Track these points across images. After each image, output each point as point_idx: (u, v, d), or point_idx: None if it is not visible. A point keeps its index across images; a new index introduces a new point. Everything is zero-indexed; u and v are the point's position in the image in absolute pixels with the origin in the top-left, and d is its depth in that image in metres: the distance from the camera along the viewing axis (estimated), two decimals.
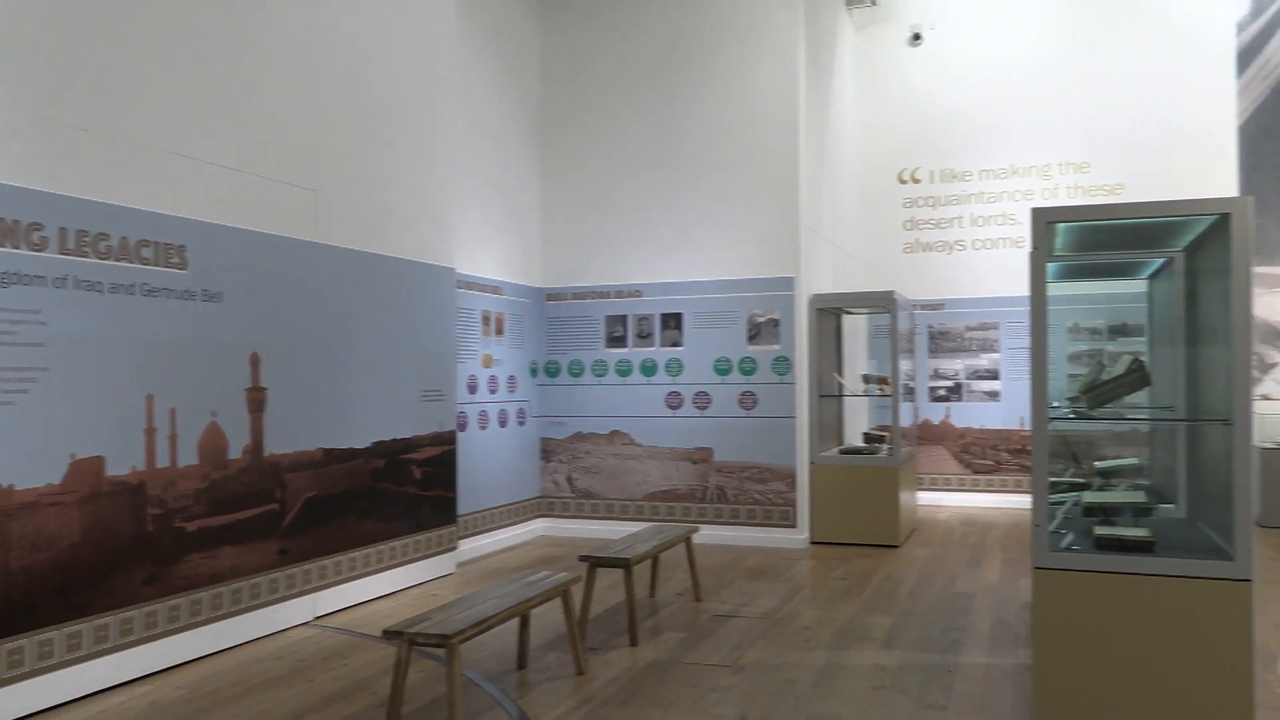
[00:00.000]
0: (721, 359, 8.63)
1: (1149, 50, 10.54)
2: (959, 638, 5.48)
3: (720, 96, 8.74)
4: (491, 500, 8.35)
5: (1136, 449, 5.70)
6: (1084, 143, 10.79)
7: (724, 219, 8.68)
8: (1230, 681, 3.57)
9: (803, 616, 5.98)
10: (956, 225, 11.27)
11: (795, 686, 4.64)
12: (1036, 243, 3.86)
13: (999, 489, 10.78)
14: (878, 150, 11.56)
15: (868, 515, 8.36)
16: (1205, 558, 3.69)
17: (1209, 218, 3.82)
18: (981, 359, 10.98)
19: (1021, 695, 4.45)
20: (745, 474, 8.49)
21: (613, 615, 6.05)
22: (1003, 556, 7.94)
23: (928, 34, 11.36)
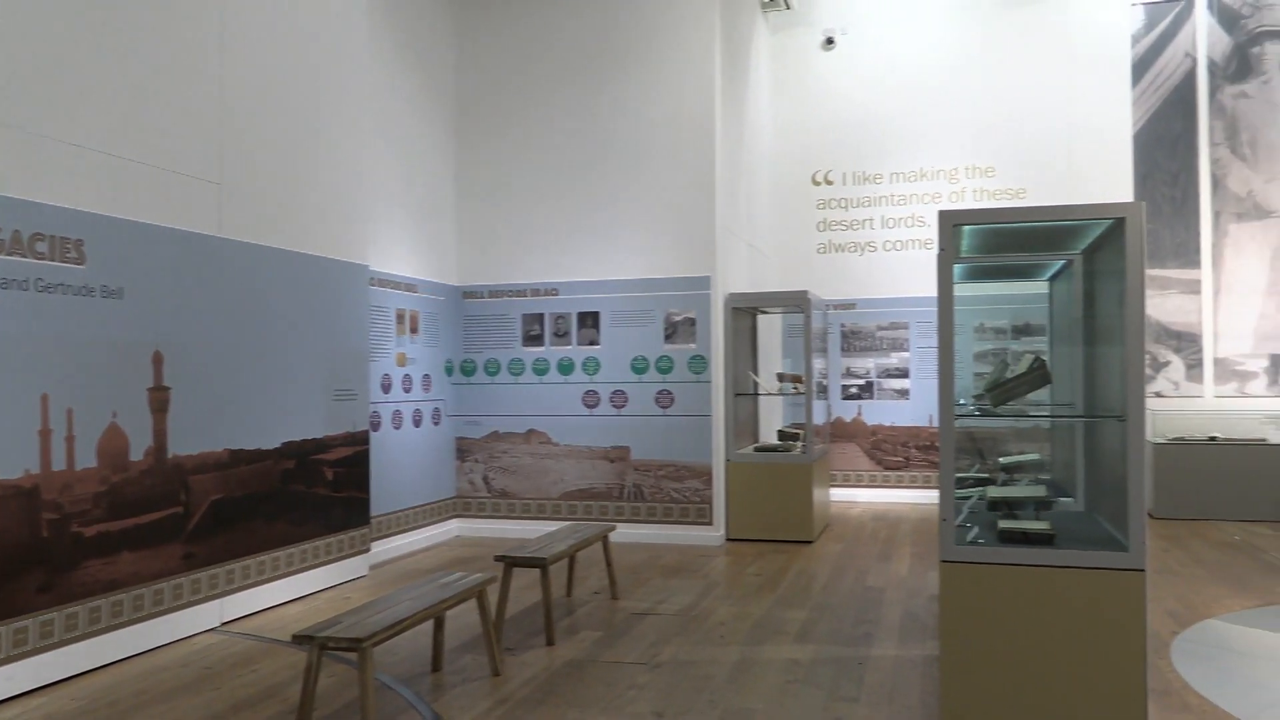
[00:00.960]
0: (639, 358, 8.66)
1: (1050, 61, 10.91)
2: (870, 631, 5.60)
3: (638, 96, 8.77)
4: (406, 501, 8.24)
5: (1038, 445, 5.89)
6: (989, 148, 11.12)
7: (641, 218, 8.72)
8: (1125, 667, 3.71)
9: (718, 613, 6.04)
10: (868, 227, 11.50)
11: (711, 682, 4.68)
12: (943, 244, 3.96)
13: (909, 485, 11.04)
14: (792, 152, 11.74)
15: (782, 512, 8.48)
16: (1101, 549, 3.84)
17: (1105, 222, 3.97)
18: (892, 358, 11.23)
19: (929, 685, 4.57)
20: (662, 472, 8.53)
21: (529, 615, 6.02)
22: (912, 550, 8.13)
23: (840, 38, 11.57)
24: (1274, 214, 10.37)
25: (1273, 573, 7.07)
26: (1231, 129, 10.52)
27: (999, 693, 3.84)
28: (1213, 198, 10.52)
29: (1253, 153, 10.45)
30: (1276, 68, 10.41)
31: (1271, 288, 10.33)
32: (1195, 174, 10.59)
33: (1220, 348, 10.44)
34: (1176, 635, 5.42)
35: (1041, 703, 3.79)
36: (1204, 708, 4.26)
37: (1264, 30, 10.44)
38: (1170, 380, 10.55)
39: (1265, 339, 10.33)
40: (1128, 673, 3.71)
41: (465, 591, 4.66)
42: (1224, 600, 6.23)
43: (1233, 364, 10.40)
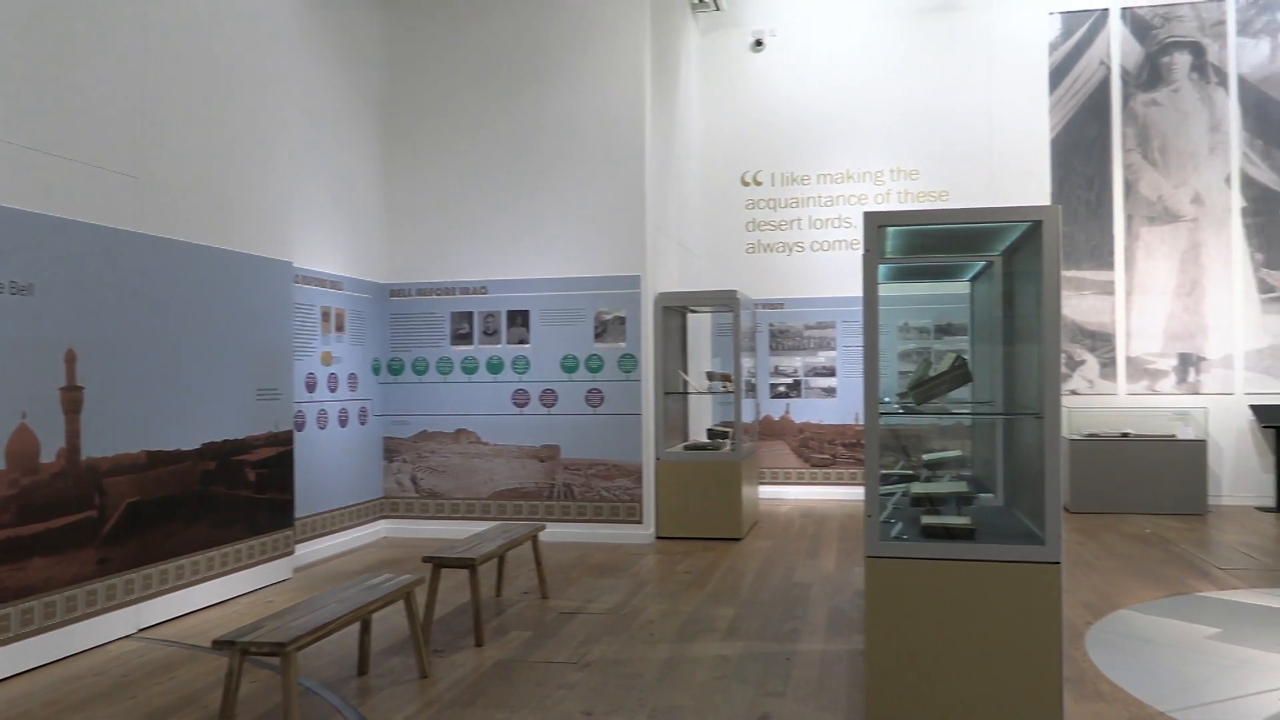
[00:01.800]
0: (568, 356, 8.64)
1: (972, 66, 11.17)
2: (797, 626, 5.67)
3: (568, 94, 8.75)
4: (331, 502, 8.10)
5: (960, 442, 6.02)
6: (914, 151, 11.34)
7: (571, 217, 8.70)
8: (1041, 657, 3.82)
9: (648, 611, 6.06)
10: (796, 227, 11.64)
11: (640, 680, 4.69)
12: (868, 245, 4.02)
13: (835, 482, 11.21)
14: (721, 152, 11.82)
15: (711, 510, 8.54)
16: (1019, 543, 3.94)
17: (1023, 224, 4.08)
18: (819, 357, 11.39)
19: (855, 679, 4.64)
20: (592, 471, 8.52)
21: (458, 616, 5.97)
22: (838, 546, 8.25)
23: (770, 40, 11.69)
24: (1182, 218, 10.76)
25: (1181, 564, 7.34)
26: (1143, 135, 10.88)
27: (922, 684, 3.92)
28: (1125, 202, 10.88)
29: (1163, 159, 10.83)
30: (1185, 77, 10.80)
31: (1179, 289, 10.72)
32: (1109, 179, 10.94)
33: (1132, 347, 10.80)
34: (1091, 625, 5.59)
35: (963, 693, 3.88)
36: (1116, 695, 4.40)
37: (1173, 40, 10.83)
38: (1085, 378, 10.88)
39: (1174, 339, 10.71)
40: (1044, 662, 3.82)
41: (392, 593, 4.60)
42: (1135, 591, 6.44)
43: (1144, 363, 10.77)
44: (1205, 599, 6.24)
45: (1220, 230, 10.67)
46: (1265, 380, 10.49)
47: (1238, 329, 10.58)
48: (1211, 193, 10.70)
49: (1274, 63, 10.62)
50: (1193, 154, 10.76)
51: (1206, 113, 10.75)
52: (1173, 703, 4.29)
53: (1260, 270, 10.58)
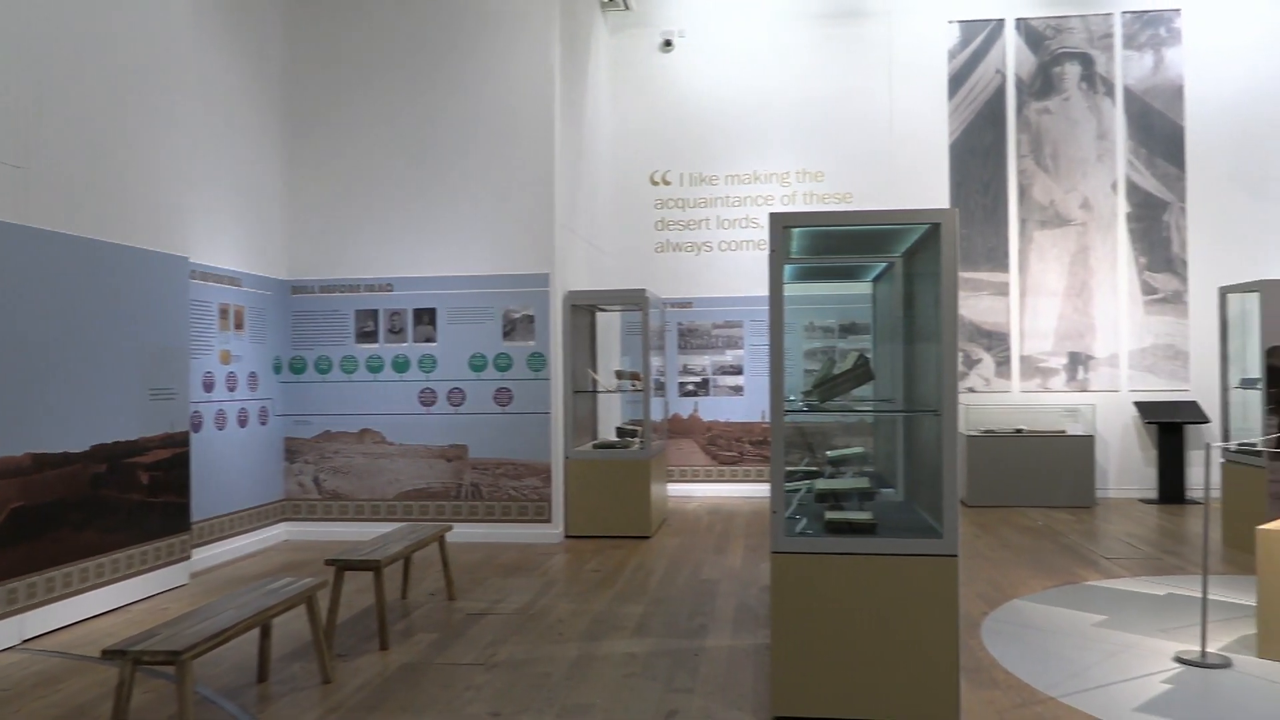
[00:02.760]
0: (477, 355, 8.56)
1: (875, 71, 11.43)
2: (705, 622, 5.72)
3: (476, 90, 8.66)
4: (230, 505, 7.87)
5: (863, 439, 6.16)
6: (819, 153, 11.55)
7: (480, 214, 8.62)
8: (939, 646, 3.94)
9: (556, 610, 6.05)
10: (704, 227, 11.75)
11: (548, 680, 4.68)
12: (774, 245, 4.09)
13: (743, 479, 11.35)
14: (631, 151, 11.85)
15: (620, 508, 8.56)
16: (919, 537, 4.06)
17: (922, 227, 4.20)
18: (727, 355, 11.51)
19: (761, 673, 4.71)
20: (500, 470, 8.46)
21: (362, 619, 5.86)
22: (745, 543, 8.36)
23: (678, 41, 11.77)
24: (1072, 222, 11.20)
25: (1071, 554, 7.64)
26: (1036, 142, 11.29)
27: (825, 676, 4.00)
28: (1019, 206, 11.27)
29: (1054, 165, 11.25)
30: (1075, 87, 11.24)
31: (1069, 290, 11.16)
32: (1004, 183, 11.32)
33: (1026, 346, 11.20)
34: (986, 615, 5.78)
35: (864, 683, 3.97)
36: (1010, 682, 4.56)
37: (1064, 51, 11.26)
38: (982, 376, 11.24)
39: (1064, 338, 11.15)
40: (942, 652, 3.93)
41: (293, 597, 4.49)
42: (1028, 581, 6.69)
43: (1036, 361, 11.18)
44: (1092, 587, 6.51)
45: (1107, 234, 11.14)
46: (1148, 378, 10.99)
47: (1123, 329, 11.07)
48: (1099, 198, 11.16)
49: (1157, 75, 11.13)
50: (1082, 161, 11.21)
51: (1095, 121, 11.21)
52: (1062, 688, 4.46)
53: (1144, 273, 11.08)
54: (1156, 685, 4.49)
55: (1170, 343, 11.01)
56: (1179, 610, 5.84)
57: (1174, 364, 10.99)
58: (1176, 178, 11.08)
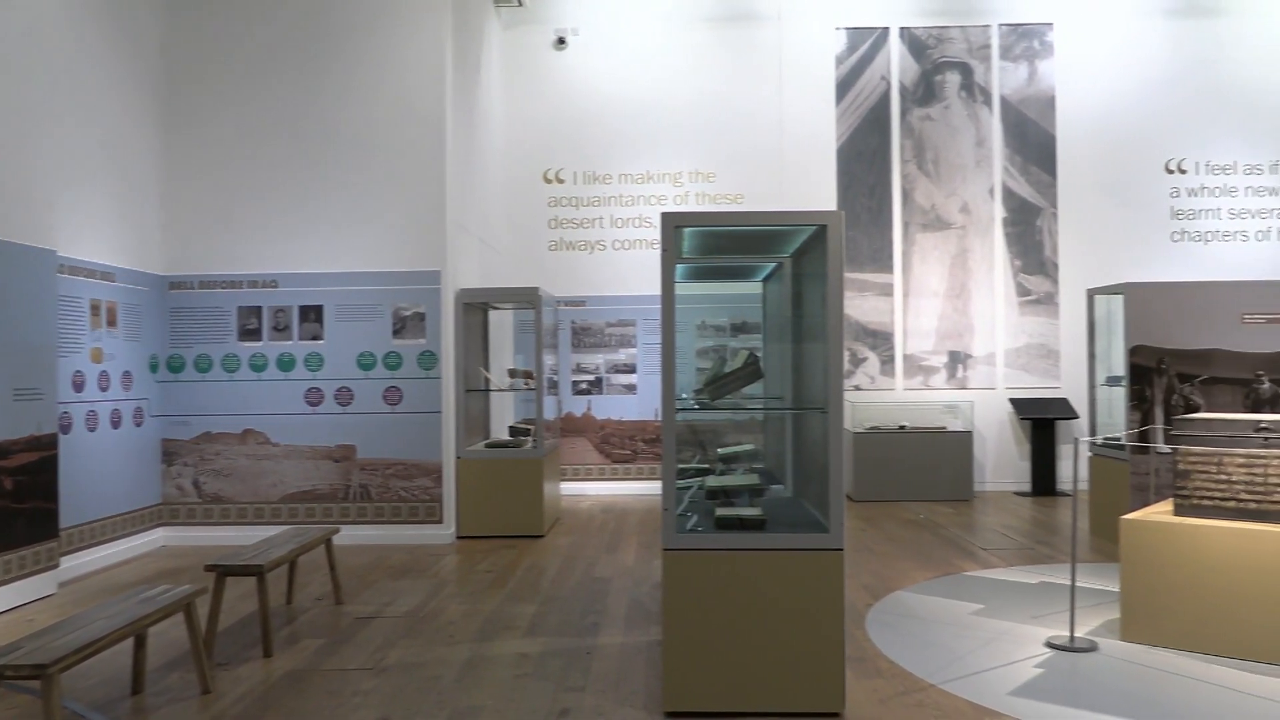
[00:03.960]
0: (365, 353, 8.38)
1: (764, 74, 11.63)
2: (597, 620, 5.73)
3: (365, 84, 8.47)
4: (103, 510, 7.51)
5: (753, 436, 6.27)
6: (710, 154, 11.69)
7: (368, 210, 8.44)
8: (826, 638, 4.03)
9: (448, 612, 5.97)
10: (598, 225, 11.76)
11: (439, 683, 4.62)
12: (665, 245, 4.12)
13: (636, 477, 11.40)
14: (524, 149, 11.78)
15: (513, 507, 8.50)
16: (806, 532, 4.15)
17: (809, 228, 4.29)
18: (620, 354, 11.55)
19: (654, 669, 4.74)
20: (390, 471, 8.31)
21: (245, 627, 5.68)
22: (638, 540, 8.41)
23: (572, 39, 11.75)
24: (952, 226, 11.60)
25: (951, 546, 7.92)
26: (919, 148, 11.66)
27: (716, 670, 4.05)
28: (903, 209, 11.62)
29: (935, 170, 11.65)
30: (955, 95, 11.65)
31: (949, 292, 11.56)
32: (889, 187, 11.66)
33: (909, 345, 11.56)
34: (871, 606, 5.95)
35: (753, 675, 4.04)
36: (893, 671, 4.70)
37: (945, 60, 11.66)
38: (867, 375, 11.55)
39: (945, 338, 11.55)
40: (828, 643, 4.03)
41: (170, 605, 4.32)
42: (911, 573, 6.91)
43: (919, 360, 11.55)
44: (970, 578, 6.77)
45: (985, 238, 11.58)
46: (1022, 376, 11.47)
47: (999, 329, 11.53)
48: (977, 203, 11.60)
49: (1031, 86, 11.63)
50: (961, 167, 11.63)
51: (973, 129, 11.64)
52: (941, 675, 4.62)
53: (1019, 275, 11.56)
54: (1029, 670, 4.69)
55: (1043, 342, 11.52)
56: (1050, 597, 6.11)
57: (1046, 362, 11.50)
58: (1048, 184, 11.59)
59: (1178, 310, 7.58)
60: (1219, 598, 4.88)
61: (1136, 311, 7.68)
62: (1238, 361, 7.44)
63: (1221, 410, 7.31)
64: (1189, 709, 4.16)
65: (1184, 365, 7.51)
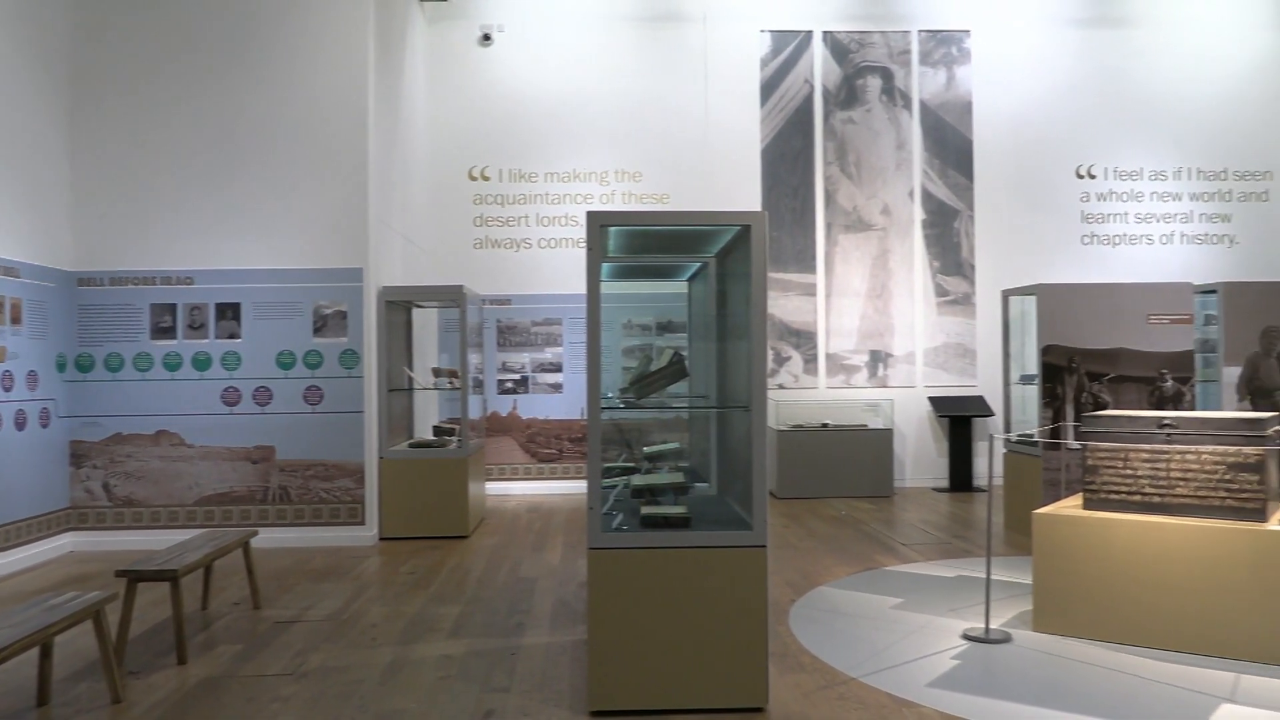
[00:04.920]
0: (285, 352, 8.21)
1: (691, 75, 11.70)
2: (522, 621, 5.71)
3: (284, 77, 8.29)
4: (6, 515, 7.22)
5: (679, 435, 6.30)
6: (637, 153, 11.71)
7: (288, 205, 8.26)
8: (750, 633, 4.08)
9: (370, 615, 5.88)
10: (524, 224, 11.69)
11: (361, 687, 4.55)
12: (591, 244, 4.12)
13: (562, 476, 11.37)
14: (449, 145, 11.66)
15: (437, 508, 8.41)
16: (730, 529, 4.19)
17: (733, 228, 4.33)
18: (546, 353, 11.51)
19: (579, 669, 4.74)
20: (310, 472, 8.15)
21: (158, 633, 5.52)
22: (564, 540, 8.39)
23: (498, 36, 11.66)
24: (873, 227, 11.82)
25: (871, 542, 8.07)
26: (841, 150, 11.85)
27: (641, 668, 4.07)
28: (826, 210, 11.80)
29: (857, 172, 11.85)
30: (876, 99, 11.87)
31: (871, 292, 11.77)
32: (812, 188, 11.82)
33: (831, 344, 11.75)
34: (794, 602, 6.03)
35: (678, 672, 4.07)
36: (815, 665, 4.77)
37: (867, 65, 11.87)
38: (791, 373, 11.70)
39: (866, 337, 11.76)
40: (752, 639, 4.08)
41: (78, 613, 4.18)
42: (833, 568, 7.02)
43: (841, 359, 11.74)
44: (891, 572, 6.90)
45: (905, 239, 11.82)
46: (940, 375, 11.74)
47: (919, 329, 11.78)
48: (898, 205, 11.83)
49: (949, 91, 11.90)
50: (882, 169, 11.86)
51: (894, 132, 11.88)
52: (862, 668, 4.71)
53: (937, 276, 11.83)
54: (946, 661, 4.80)
55: (960, 341, 11.80)
56: (967, 591, 6.27)
57: (963, 361, 11.78)
58: (966, 187, 11.88)
59: (1087, 311, 7.84)
60: (1125, 588, 5.06)
61: (1048, 312, 7.92)
62: (1143, 360, 7.72)
63: (1128, 407, 7.58)
64: (1097, 696, 4.30)
65: (1093, 364, 7.76)
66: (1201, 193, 12.19)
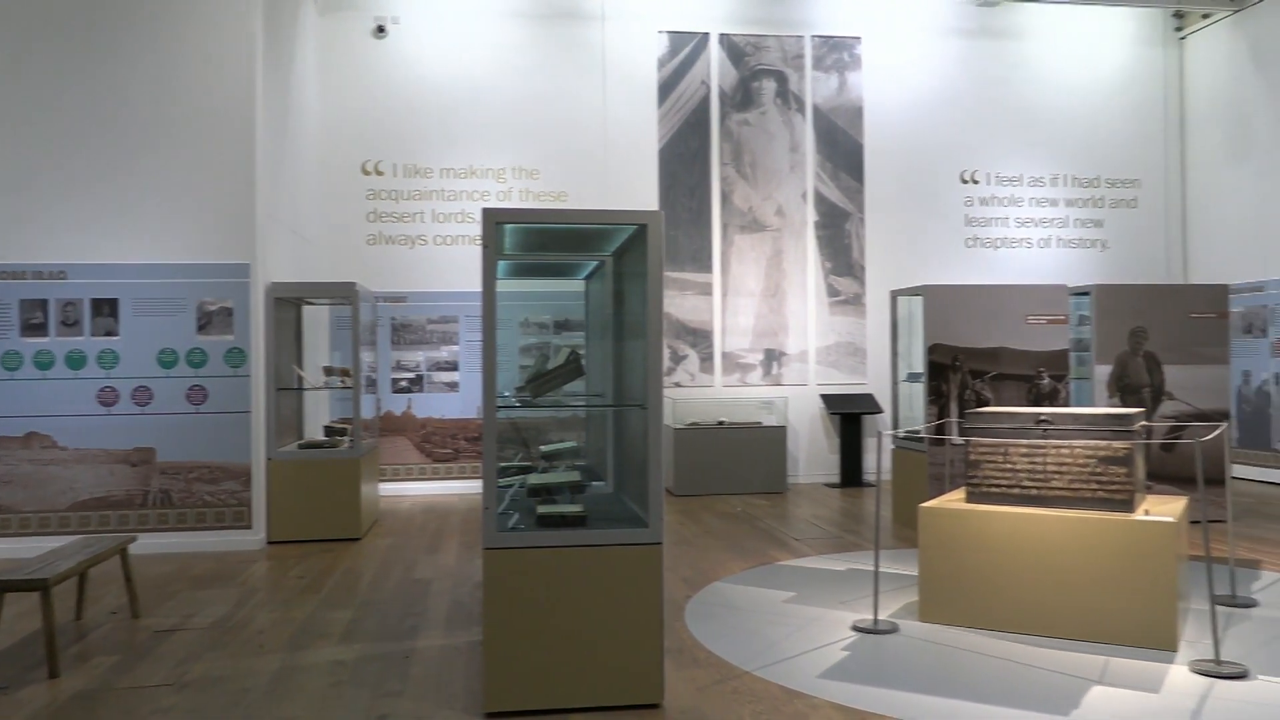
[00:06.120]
0: (167, 350, 7.90)
1: (589, 73, 11.70)
2: (417, 623, 5.62)
3: (167, 66, 7.97)
4: None
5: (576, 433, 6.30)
6: (535, 151, 11.66)
7: (170, 198, 7.95)
8: (645, 630, 4.11)
9: (257, 621, 5.71)
10: (419, 220, 11.51)
11: (247, 695, 4.41)
12: (486, 241, 4.09)
13: (458, 476, 11.25)
14: (341, 139, 11.38)
15: (329, 510, 8.22)
16: (626, 527, 4.21)
17: (630, 227, 4.35)
18: (442, 351, 11.36)
19: (474, 670, 4.69)
20: (194, 474, 7.86)
21: (28, 646, 5.25)
22: (460, 540, 8.30)
23: (392, 28, 11.45)
24: (768, 228, 12.02)
25: (765, 537, 8.21)
26: (737, 151, 12.02)
27: (537, 667, 4.06)
28: (722, 210, 11.95)
29: (753, 173, 12.03)
30: (771, 102, 12.07)
31: (765, 292, 11.98)
32: (709, 189, 11.96)
33: (727, 343, 11.90)
34: (690, 598, 6.09)
35: (574, 671, 4.07)
36: (710, 660, 4.83)
37: (762, 68, 12.06)
38: (688, 372, 11.82)
39: (761, 336, 11.96)
40: (647, 635, 4.11)
41: None
42: (728, 564, 7.11)
43: (737, 357, 11.91)
44: (784, 567, 7.04)
45: (798, 240, 12.06)
46: (832, 373, 12.02)
47: (811, 328, 12.03)
48: (791, 207, 12.06)
49: (841, 96, 12.19)
50: (777, 171, 12.07)
51: (788, 135, 12.10)
52: (756, 662, 4.79)
53: (829, 277, 12.11)
54: (836, 653, 4.92)
55: (851, 340, 12.10)
56: (856, 583, 6.43)
57: (854, 360, 12.09)
58: (856, 190, 12.19)
59: (970, 311, 8.13)
60: (1005, 578, 5.27)
61: (934, 312, 8.19)
62: (1022, 359, 8.06)
63: (1008, 404, 7.90)
64: (978, 682, 4.47)
65: (976, 362, 8.06)
66: (1076, 199, 12.77)
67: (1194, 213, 12.90)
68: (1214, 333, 8.65)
